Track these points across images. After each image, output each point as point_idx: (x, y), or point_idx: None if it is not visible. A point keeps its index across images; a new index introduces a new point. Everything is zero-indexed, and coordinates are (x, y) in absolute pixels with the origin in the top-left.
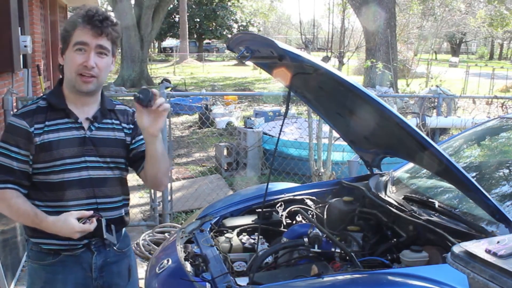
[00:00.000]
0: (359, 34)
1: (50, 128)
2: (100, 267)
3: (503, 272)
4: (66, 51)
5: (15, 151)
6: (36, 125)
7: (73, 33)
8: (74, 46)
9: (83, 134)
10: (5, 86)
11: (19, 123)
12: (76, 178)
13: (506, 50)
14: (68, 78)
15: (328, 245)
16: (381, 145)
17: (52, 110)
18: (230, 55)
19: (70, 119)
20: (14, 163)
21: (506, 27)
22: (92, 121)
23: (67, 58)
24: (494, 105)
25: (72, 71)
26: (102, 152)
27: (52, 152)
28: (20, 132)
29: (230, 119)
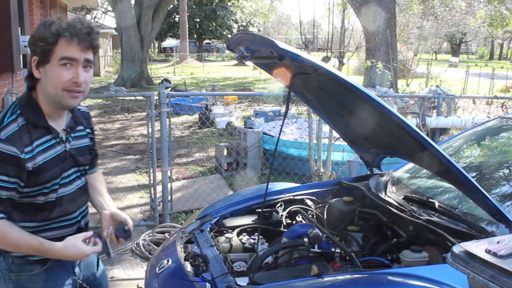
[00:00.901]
0: (359, 34)
1: (39, 149)
2: (78, 264)
3: (503, 272)
4: (46, 65)
5: (5, 179)
6: (25, 149)
7: (55, 46)
8: (60, 61)
9: (64, 148)
10: (5, 86)
11: (8, 149)
12: (67, 194)
13: (506, 50)
14: (50, 93)
15: (328, 245)
16: (381, 145)
17: (33, 127)
18: (230, 55)
19: (52, 134)
20: (4, 192)
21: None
22: (68, 132)
23: (49, 73)
24: (494, 105)
25: (58, 87)
26: (78, 162)
27: (43, 175)
28: (10, 159)
29: (230, 119)
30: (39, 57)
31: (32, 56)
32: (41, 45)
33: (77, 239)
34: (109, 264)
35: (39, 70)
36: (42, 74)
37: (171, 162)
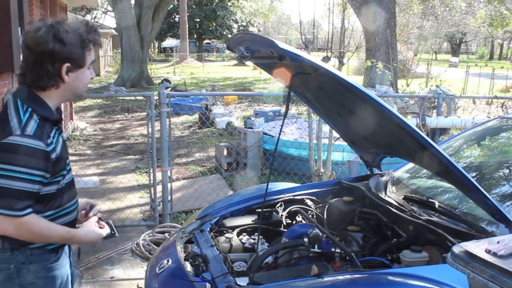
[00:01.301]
0: (359, 34)
1: (54, 140)
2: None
3: (503, 272)
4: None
5: (38, 174)
6: (47, 141)
7: (87, 54)
8: (90, 65)
9: (63, 138)
10: (5, 86)
11: (39, 145)
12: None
13: (506, 50)
14: (77, 92)
15: (328, 245)
16: (381, 145)
17: (46, 122)
18: (230, 55)
19: (56, 126)
20: (36, 186)
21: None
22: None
23: (81, 76)
24: (494, 105)
25: (85, 87)
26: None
27: (60, 164)
28: (41, 154)
29: (230, 119)
30: (74, 63)
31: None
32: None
33: (92, 224)
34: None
35: (68, 74)
36: (72, 79)
37: (171, 162)
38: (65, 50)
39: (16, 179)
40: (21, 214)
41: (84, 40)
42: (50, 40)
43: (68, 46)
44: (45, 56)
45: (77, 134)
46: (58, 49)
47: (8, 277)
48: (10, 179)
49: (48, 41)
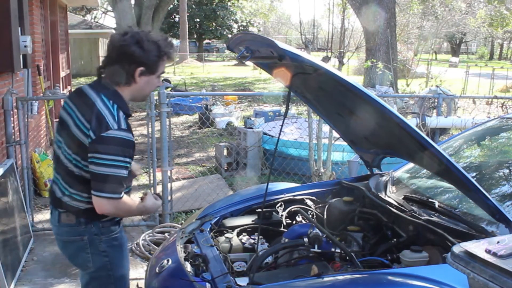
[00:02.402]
0: (359, 34)
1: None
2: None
3: (503, 272)
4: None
5: (128, 161)
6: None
7: (161, 62)
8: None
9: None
10: (5, 86)
11: (128, 137)
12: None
13: (506, 50)
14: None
15: (328, 245)
16: (381, 145)
17: (126, 117)
18: (230, 55)
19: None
20: (125, 171)
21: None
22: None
23: (151, 82)
24: (494, 105)
25: (151, 92)
26: None
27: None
28: (131, 144)
29: (230, 119)
30: (147, 68)
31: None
32: (152, 58)
33: (152, 197)
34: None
35: (141, 77)
36: (143, 81)
37: (171, 162)
38: (142, 55)
39: (117, 167)
40: (121, 197)
41: (160, 51)
42: (133, 44)
43: (146, 53)
44: (125, 56)
45: None
46: (137, 53)
47: (79, 248)
48: (112, 167)
49: (130, 44)
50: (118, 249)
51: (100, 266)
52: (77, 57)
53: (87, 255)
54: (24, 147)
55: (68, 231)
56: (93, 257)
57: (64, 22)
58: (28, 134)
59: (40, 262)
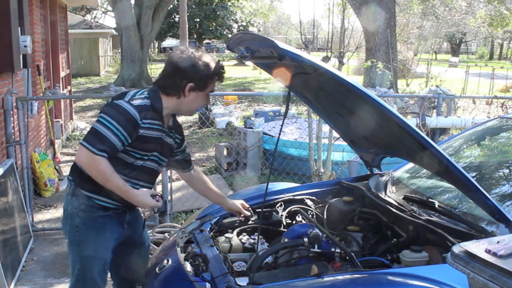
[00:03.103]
0: (359, 34)
1: (150, 126)
2: (128, 221)
3: (503, 272)
4: (199, 92)
5: (123, 133)
6: (143, 119)
7: (211, 82)
8: (208, 93)
9: (161, 136)
10: (5, 86)
11: (133, 112)
12: (147, 167)
13: (506, 50)
14: (189, 108)
15: (328, 245)
16: (381, 145)
17: (153, 111)
18: (230, 55)
19: (161, 122)
20: (118, 142)
21: (506, 27)
22: (169, 128)
23: (199, 98)
24: (494, 105)
25: (197, 108)
26: (165, 153)
27: (146, 145)
28: (131, 119)
29: (230, 119)
30: (196, 85)
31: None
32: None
33: (148, 192)
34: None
35: (190, 92)
36: (191, 96)
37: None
38: (194, 73)
39: (108, 129)
40: (96, 153)
41: (211, 72)
42: (187, 62)
43: (198, 72)
44: (179, 72)
45: (77, 134)
46: (189, 70)
47: (65, 216)
48: (104, 127)
49: (185, 62)
50: (93, 231)
51: (71, 239)
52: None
53: (67, 225)
54: (24, 147)
55: (65, 200)
56: (70, 228)
57: (64, 22)
58: (28, 134)
59: (40, 262)
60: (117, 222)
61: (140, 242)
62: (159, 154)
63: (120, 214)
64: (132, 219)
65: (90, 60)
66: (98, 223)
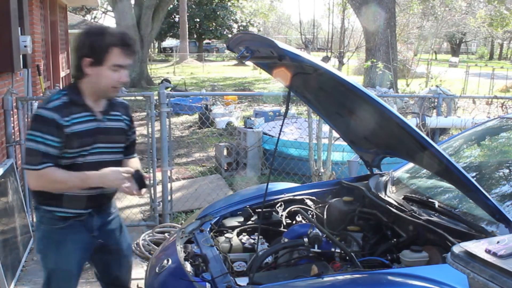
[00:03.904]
0: (359, 34)
1: (75, 121)
2: (99, 227)
3: (503, 272)
4: (99, 66)
5: (50, 138)
6: (64, 118)
7: (109, 54)
8: (112, 67)
9: (97, 125)
10: (5, 86)
11: (51, 115)
12: (88, 161)
13: (506, 50)
14: (99, 87)
15: (328, 245)
16: (381, 145)
17: (73, 105)
18: (230, 55)
19: (88, 112)
20: (50, 149)
21: (506, 27)
22: (104, 113)
23: (101, 73)
24: (494, 105)
25: (108, 85)
26: (110, 139)
27: (77, 141)
28: (51, 122)
29: (230, 119)
30: (94, 59)
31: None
32: (96, 49)
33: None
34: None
35: (90, 68)
36: (93, 72)
37: (171, 162)
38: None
39: (34, 142)
40: (38, 168)
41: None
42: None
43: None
44: (75, 51)
45: None
46: (80, 46)
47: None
48: (30, 141)
49: (77, 39)
50: (53, 243)
51: (37, 251)
52: None
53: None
54: (24, 147)
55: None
56: (36, 241)
57: (64, 22)
58: None
59: (40, 262)
60: (81, 231)
61: (116, 248)
62: (103, 144)
63: (84, 221)
64: (103, 224)
65: None
66: (58, 235)
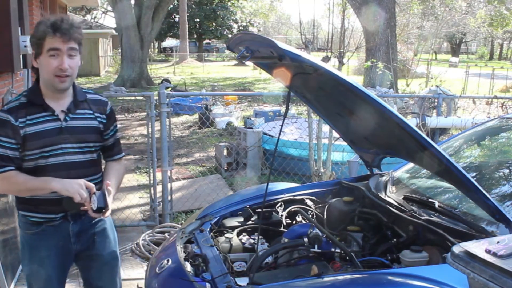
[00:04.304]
0: (359, 34)
1: (31, 121)
2: (77, 233)
3: (503, 272)
4: (40, 56)
5: (6, 141)
6: (20, 119)
7: (44, 41)
8: (48, 52)
9: (60, 125)
10: (5, 86)
11: (6, 117)
12: (52, 163)
13: (506, 50)
14: (45, 78)
15: (328, 245)
16: (381, 145)
17: (32, 105)
18: (230, 55)
19: (48, 112)
20: (8, 151)
21: (506, 27)
22: (66, 112)
23: (42, 63)
24: (494, 105)
25: (50, 73)
26: (77, 139)
27: (34, 142)
28: (8, 125)
29: (230, 119)
30: (35, 50)
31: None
32: (35, 41)
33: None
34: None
35: (36, 61)
36: (38, 64)
37: (171, 162)
38: (31, 39)
39: None
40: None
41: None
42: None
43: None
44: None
45: None
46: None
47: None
48: None
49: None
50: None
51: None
52: None
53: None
54: None
55: None
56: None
57: None
58: None
59: None
60: (56, 237)
61: (97, 255)
62: (69, 144)
63: (59, 227)
64: (82, 230)
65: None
66: (32, 240)
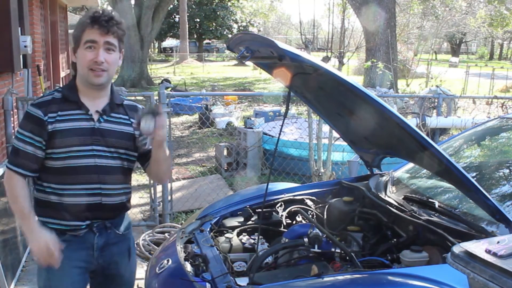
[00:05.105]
0: (359, 34)
1: (62, 118)
2: (101, 247)
3: (503, 272)
4: (78, 50)
5: (30, 136)
6: (49, 114)
7: (82, 33)
8: (85, 44)
9: (92, 125)
10: (5, 86)
11: (35, 112)
12: (84, 165)
13: (506, 50)
14: (80, 73)
15: (328, 245)
16: (381, 145)
17: (66, 101)
18: (230, 55)
19: (82, 110)
20: (29, 147)
21: (506, 27)
22: (101, 113)
23: (79, 55)
24: (494, 105)
25: (84, 67)
26: (108, 143)
27: (62, 140)
28: (35, 119)
29: (230, 119)
30: (74, 44)
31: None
32: (74, 34)
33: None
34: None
35: (75, 55)
36: (76, 58)
37: (171, 162)
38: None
39: (18, 139)
40: (8, 166)
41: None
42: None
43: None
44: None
45: None
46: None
47: None
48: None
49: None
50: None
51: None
52: None
53: None
54: None
55: None
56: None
57: (64, 22)
58: None
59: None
60: (79, 248)
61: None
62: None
63: (83, 237)
64: (106, 244)
65: None
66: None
